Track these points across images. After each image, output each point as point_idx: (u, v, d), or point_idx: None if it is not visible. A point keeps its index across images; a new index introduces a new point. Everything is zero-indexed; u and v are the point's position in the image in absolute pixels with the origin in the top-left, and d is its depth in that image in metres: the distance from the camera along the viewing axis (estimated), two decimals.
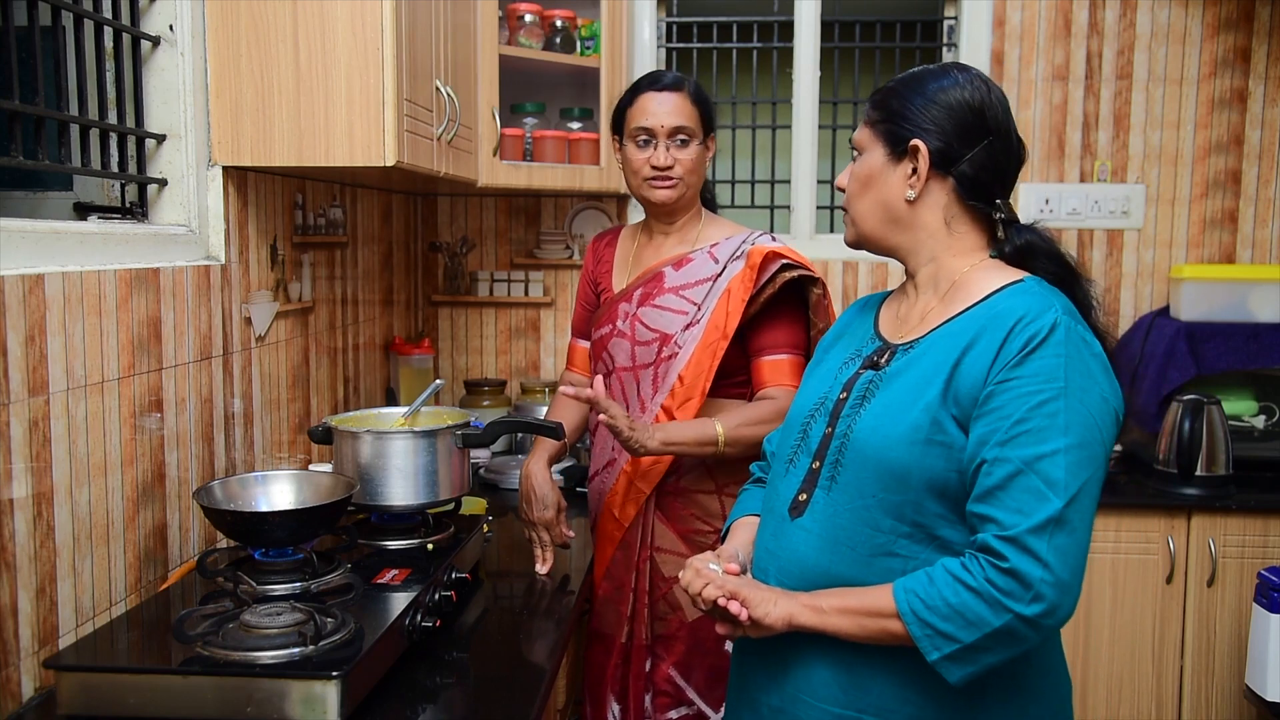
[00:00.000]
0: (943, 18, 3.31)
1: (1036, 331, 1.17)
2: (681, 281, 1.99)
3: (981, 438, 1.17)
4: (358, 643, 1.34)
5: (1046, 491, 1.12)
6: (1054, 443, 1.13)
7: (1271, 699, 2.48)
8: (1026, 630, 1.13)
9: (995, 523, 1.14)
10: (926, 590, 1.16)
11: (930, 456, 1.20)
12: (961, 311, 1.27)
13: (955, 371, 1.22)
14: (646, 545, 1.94)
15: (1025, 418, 1.14)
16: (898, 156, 1.31)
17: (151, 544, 1.65)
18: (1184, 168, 3.18)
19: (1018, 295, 1.24)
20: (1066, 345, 1.16)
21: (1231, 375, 2.93)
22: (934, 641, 1.15)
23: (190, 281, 1.76)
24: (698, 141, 1.97)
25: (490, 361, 3.34)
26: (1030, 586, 1.11)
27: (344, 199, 2.52)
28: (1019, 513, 1.12)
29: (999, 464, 1.14)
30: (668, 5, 3.33)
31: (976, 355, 1.21)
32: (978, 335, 1.22)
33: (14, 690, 1.34)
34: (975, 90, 1.29)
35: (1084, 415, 1.15)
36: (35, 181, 1.93)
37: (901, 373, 1.28)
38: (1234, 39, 3.12)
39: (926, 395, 1.23)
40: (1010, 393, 1.16)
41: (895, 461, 1.22)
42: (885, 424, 1.24)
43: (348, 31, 1.77)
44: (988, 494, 1.15)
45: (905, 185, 1.30)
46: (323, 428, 1.84)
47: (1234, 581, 2.71)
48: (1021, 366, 1.16)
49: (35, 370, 1.37)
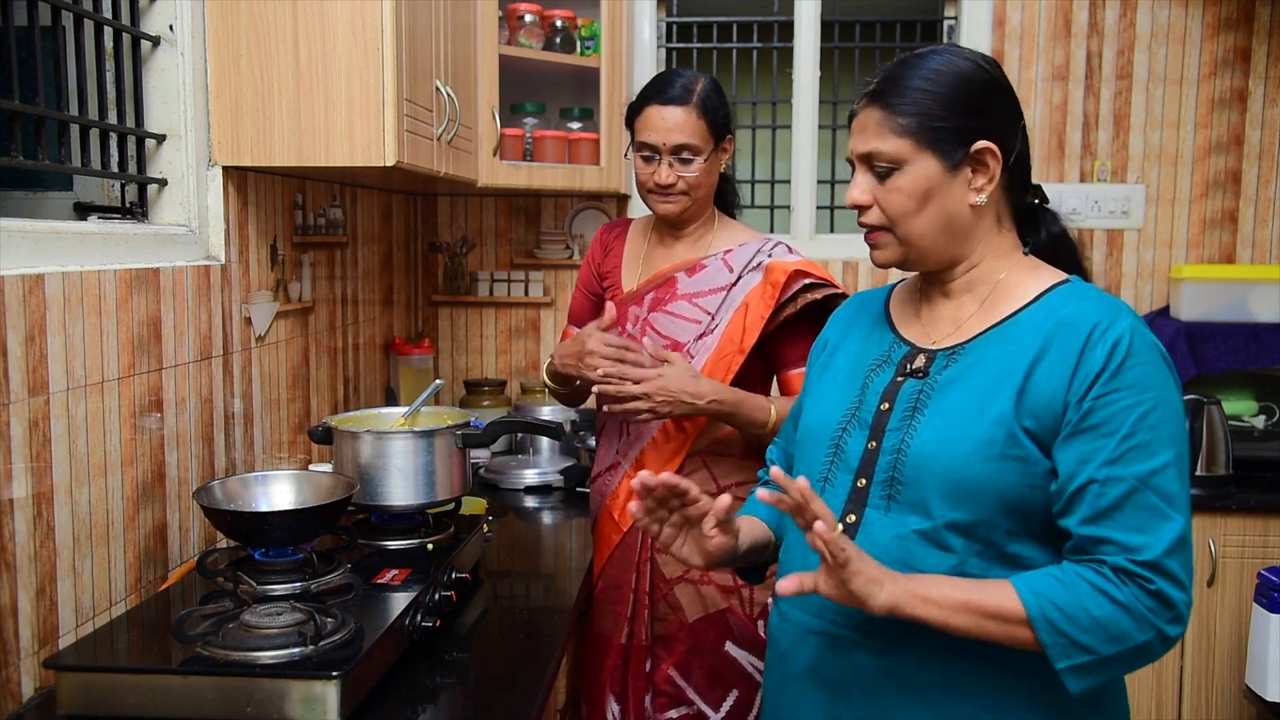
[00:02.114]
0: (943, 18, 3.31)
1: (1117, 340, 1.13)
2: (694, 289, 1.96)
3: (1084, 456, 1.12)
4: (358, 643, 1.33)
5: (1167, 510, 1.09)
6: (1163, 455, 1.10)
7: (1271, 699, 2.48)
8: (1163, 648, 1.11)
9: (1115, 544, 1.10)
10: (1063, 596, 1.10)
11: (1005, 473, 1.14)
12: (1010, 315, 1.22)
13: (1028, 382, 1.16)
14: (646, 546, 1.94)
15: (1131, 432, 1.11)
16: (955, 163, 1.20)
17: (151, 544, 1.65)
18: (1184, 168, 3.18)
19: (1075, 299, 1.20)
20: (1148, 351, 1.14)
21: (1231, 375, 2.93)
22: (1067, 650, 1.10)
23: (190, 281, 1.76)
24: (703, 157, 1.91)
25: (490, 361, 3.34)
26: (1173, 607, 1.09)
27: (344, 199, 2.52)
28: (1140, 532, 1.09)
29: (1112, 483, 1.10)
30: (668, 5, 3.33)
31: (1051, 366, 1.15)
32: (1047, 344, 1.16)
33: (14, 690, 1.34)
34: (992, 68, 1.22)
35: (1178, 421, 1.14)
36: (35, 181, 1.93)
37: (955, 381, 1.21)
38: (1234, 39, 3.13)
39: (996, 407, 1.16)
40: (1111, 407, 1.11)
41: (967, 479, 1.15)
42: (952, 438, 1.17)
43: (348, 31, 1.77)
44: (1103, 514, 1.10)
45: (969, 192, 1.22)
46: (323, 428, 1.84)
47: (1234, 581, 2.71)
48: (1117, 378, 1.12)
49: (35, 370, 1.37)
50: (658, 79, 1.96)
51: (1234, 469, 2.77)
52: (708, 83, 1.94)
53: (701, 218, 2.02)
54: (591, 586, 2.02)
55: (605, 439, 2.06)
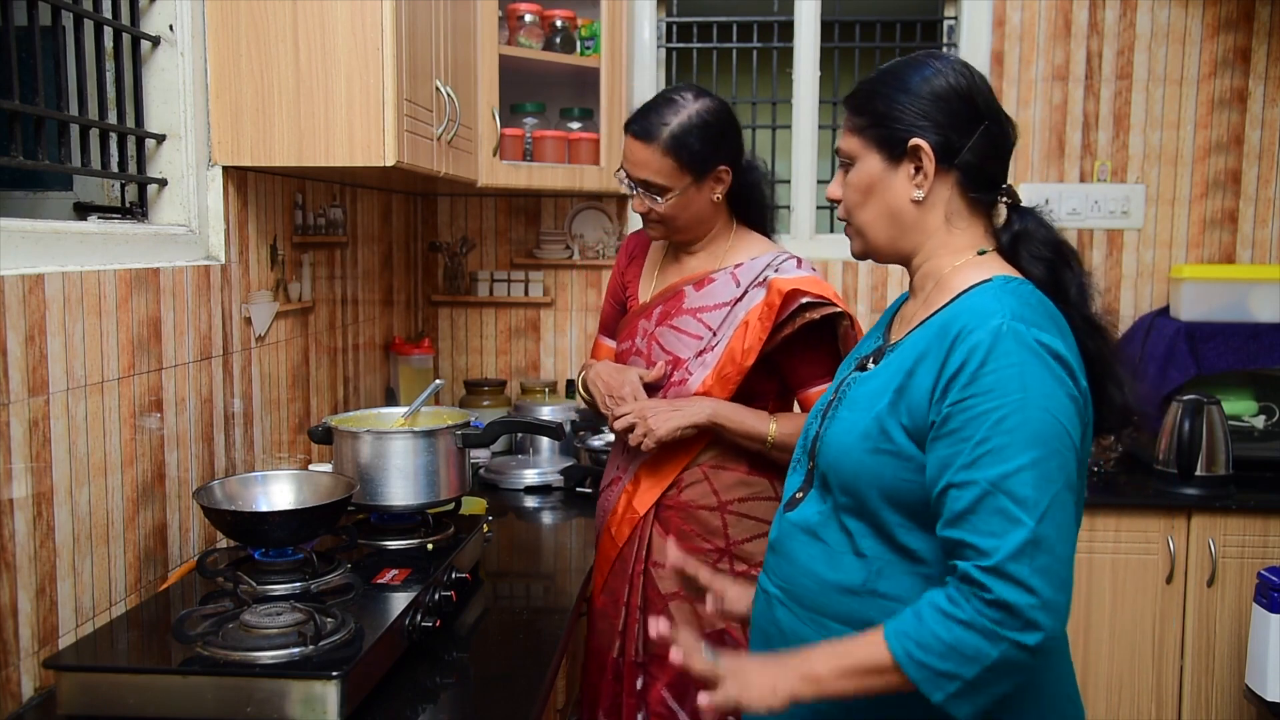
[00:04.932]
0: (943, 18, 3.30)
1: (977, 344, 1.13)
2: (700, 304, 1.91)
3: (944, 461, 1.14)
4: (358, 643, 1.34)
5: (1017, 512, 1.08)
6: (1018, 459, 1.09)
7: (1271, 699, 2.48)
8: (1025, 657, 1.09)
9: (972, 548, 1.10)
10: (918, 630, 1.12)
11: (880, 464, 1.20)
12: (932, 314, 1.25)
13: (908, 380, 1.20)
14: (641, 559, 1.90)
15: (986, 437, 1.11)
16: (896, 159, 1.27)
17: (151, 544, 1.65)
18: (1184, 168, 3.18)
19: (973, 298, 1.20)
20: (1018, 352, 1.12)
21: (1231, 375, 2.93)
22: (935, 682, 1.10)
23: (190, 281, 1.76)
24: (675, 193, 1.82)
25: (490, 361, 3.34)
26: (1020, 614, 1.07)
27: (344, 199, 2.52)
28: (993, 535, 1.09)
29: (966, 487, 1.11)
30: (668, 5, 3.33)
31: (926, 368, 1.19)
32: (929, 345, 1.20)
33: (14, 690, 1.34)
34: (959, 75, 1.26)
35: (1047, 423, 1.11)
36: (35, 181, 1.93)
37: (873, 376, 1.28)
38: (1234, 39, 3.12)
39: (880, 402, 1.22)
40: (967, 413, 1.12)
41: (848, 467, 1.23)
42: (845, 429, 1.25)
43: (348, 31, 1.77)
44: (959, 518, 1.12)
45: (910, 187, 1.26)
46: (323, 428, 1.84)
47: (1234, 581, 2.71)
48: (975, 383, 1.12)
49: (35, 370, 1.37)
50: (647, 103, 1.88)
51: (1234, 469, 2.77)
52: (692, 117, 1.81)
53: (707, 234, 1.94)
54: (590, 601, 1.99)
55: (612, 454, 2.03)
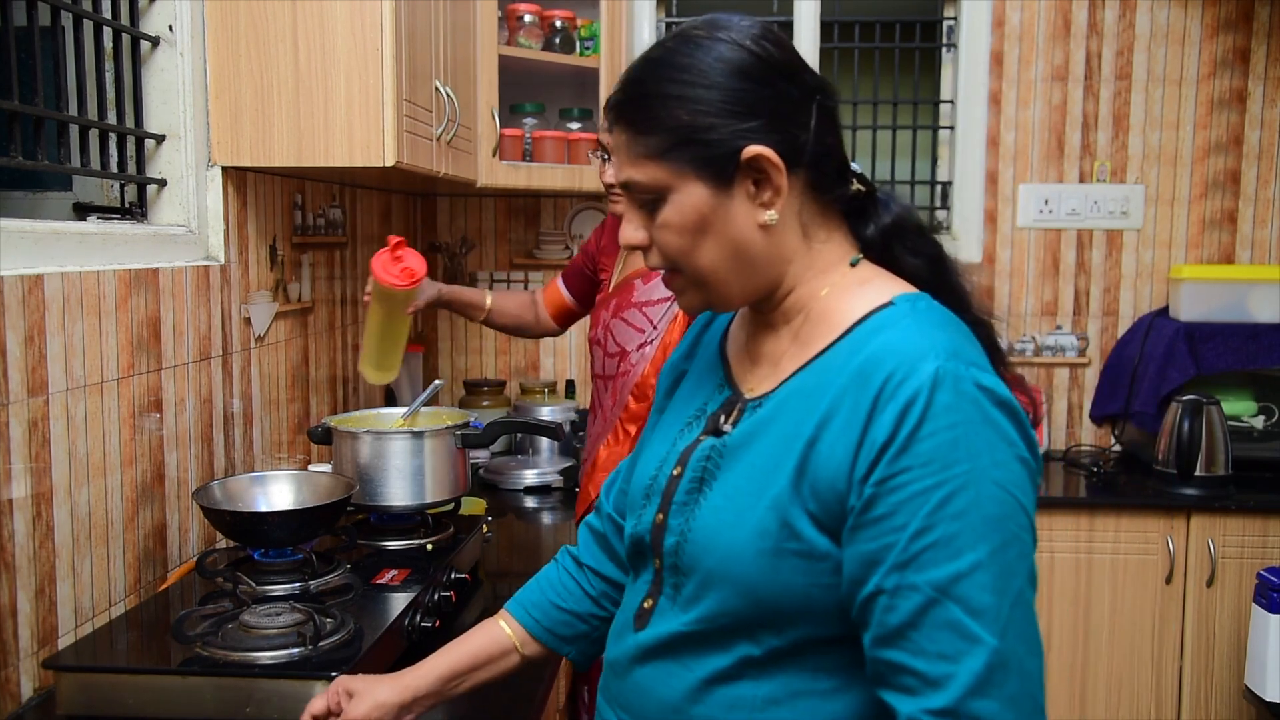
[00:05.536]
0: (942, 18, 3.31)
1: (913, 397, 0.84)
2: (645, 297, 1.98)
3: (869, 557, 0.85)
4: (357, 643, 1.34)
5: (973, 626, 0.81)
6: (970, 554, 0.82)
7: (1271, 699, 2.48)
8: None
9: (916, 675, 0.83)
10: None
11: (784, 571, 0.90)
12: (820, 353, 0.96)
13: (811, 451, 0.90)
14: None
15: (927, 526, 0.83)
16: (726, 180, 0.94)
17: (151, 544, 1.65)
18: (1183, 168, 3.18)
19: (885, 330, 0.91)
20: (958, 408, 0.84)
21: (1231, 375, 2.93)
22: None
23: (190, 282, 1.76)
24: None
25: (490, 362, 3.34)
26: None
27: (343, 199, 2.52)
28: (944, 659, 0.82)
29: (903, 593, 0.83)
30: (667, 5, 3.33)
31: (839, 430, 0.89)
32: (839, 398, 0.90)
33: (13, 690, 1.33)
34: (761, 41, 0.95)
35: (999, 500, 0.84)
36: (35, 181, 1.93)
37: (747, 444, 0.96)
38: (1234, 39, 3.13)
39: (774, 485, 0.91)
40: (900, 493, 0.84)
41: (740, 577, 0.91)
42: (726, 525, 0.93)
43: (347, 32, 1.77)
44: (896, 634, 0.84)
45: (755, 209, 0.95)
46: (322, 428, 1.84)
47: (1233, 582, 2.71)
48: (909, 452, 0.84)
49: (35, 370, 1.37)
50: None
51: (1233, 469, 2.77)
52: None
53: None
54: None
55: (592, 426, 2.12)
